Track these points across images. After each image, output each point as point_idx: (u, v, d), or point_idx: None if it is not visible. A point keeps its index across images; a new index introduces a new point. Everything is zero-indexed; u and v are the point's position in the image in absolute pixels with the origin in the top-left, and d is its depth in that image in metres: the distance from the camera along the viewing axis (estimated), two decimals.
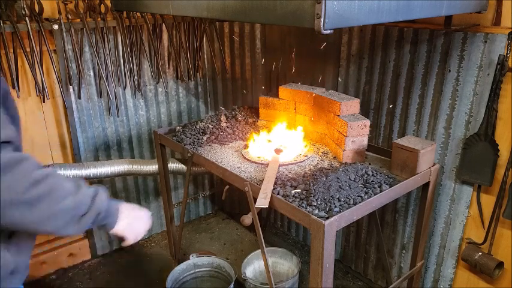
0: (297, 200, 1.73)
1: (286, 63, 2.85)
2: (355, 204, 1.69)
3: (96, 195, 1.16)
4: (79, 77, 2.67)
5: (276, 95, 2.57)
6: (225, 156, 2.25)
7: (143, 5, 2.11)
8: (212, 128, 2.53)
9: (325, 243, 1.58)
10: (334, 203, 1.67)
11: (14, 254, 1.14)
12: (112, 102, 2.87)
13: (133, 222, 1.32)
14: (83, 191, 1.12)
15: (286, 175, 1.99)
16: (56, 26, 2.46)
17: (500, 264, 2.04)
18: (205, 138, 2.45)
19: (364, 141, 2.12)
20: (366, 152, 2.17)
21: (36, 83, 2.46)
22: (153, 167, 2.77)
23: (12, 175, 0.96)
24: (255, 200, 1.76)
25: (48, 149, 2.80)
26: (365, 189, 1.80)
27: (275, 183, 1.89)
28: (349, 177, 1.85)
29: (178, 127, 2.59)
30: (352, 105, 2.14)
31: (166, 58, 3.07)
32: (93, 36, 2.65)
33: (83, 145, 2.86)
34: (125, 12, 2.68)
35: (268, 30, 2.96)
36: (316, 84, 2.63)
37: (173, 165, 2.84)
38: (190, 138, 2.43)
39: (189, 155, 2.31)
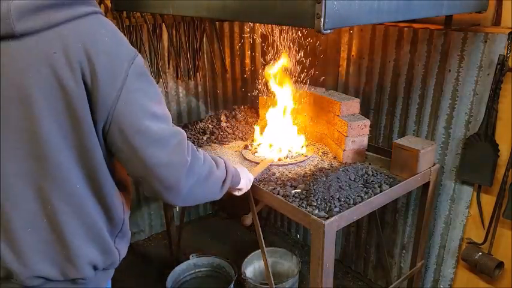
0: (297, 200, 1.73)
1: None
2: (355, 204, 1.69)
3: (226, 162, 1.40)
4: None
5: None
6: (225, 156, 2.25)
7: (143, 5, 2.11)
8: (212, 128, 2.53)
9: (325, 243, 1.58)
10: (334, 203, 1.67)
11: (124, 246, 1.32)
12: None
13: (247, 176, 1.65)
14: (219, 161, 1.36)
15: (286, 175, 1.99)
16: None
17: (500, 264, 2.04)
18: (205, 138, 2.44)
19: (364, 141, 2.12)
20: (366, 152, 2.17)
21: None
22: None
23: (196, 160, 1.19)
24: (256, 200, 1.76)
25: None
26: (365, 189, 1.80)
27: (275, 182, 1.89)
28: (349, 177, 1.85)
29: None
30: (352, 105, 2.14)
31: (166, 58, 3.07)
32: None
33: None
34: (124, 12, 2.67)
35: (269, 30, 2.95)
36: (316, 84, 2.62)
37: None
38: (190, 138, 2.43)
39: None
